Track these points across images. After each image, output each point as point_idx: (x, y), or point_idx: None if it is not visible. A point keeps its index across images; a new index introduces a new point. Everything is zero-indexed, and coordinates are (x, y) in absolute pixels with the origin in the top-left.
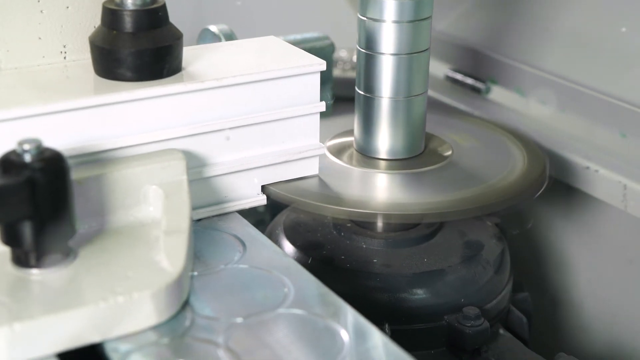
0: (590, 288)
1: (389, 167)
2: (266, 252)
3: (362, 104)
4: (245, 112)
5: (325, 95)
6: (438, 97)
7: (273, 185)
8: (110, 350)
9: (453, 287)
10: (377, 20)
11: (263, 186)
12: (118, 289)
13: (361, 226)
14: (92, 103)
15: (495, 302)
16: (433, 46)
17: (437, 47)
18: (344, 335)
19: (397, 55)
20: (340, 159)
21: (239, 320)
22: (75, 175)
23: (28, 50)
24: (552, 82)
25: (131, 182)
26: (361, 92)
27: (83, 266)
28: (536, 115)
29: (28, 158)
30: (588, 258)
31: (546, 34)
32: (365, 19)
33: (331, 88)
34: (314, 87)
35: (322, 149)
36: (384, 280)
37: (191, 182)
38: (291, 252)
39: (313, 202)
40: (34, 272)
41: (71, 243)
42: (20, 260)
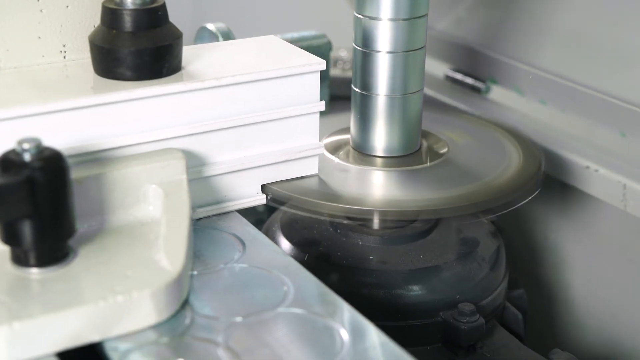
0: (589, 287)
1: (385, 165)
2: (266, 252)
3: (359, 102)
4: (244, 112)
5: (322, 93)
6: (438, 97)
7: (272, 183)
8: (109, 349)
9: (449, 284)
10: (374, 18)
11: (263, 185)
12: (118, 288)
13: (357, 223)
14: (92, 102)
15: (490, 299)
16: (433, 46)
17: (437, 47)
18: (344, 334)
19: (393, 53)
20: (336, 157)
21: (239, 319)
22: (74, 174)
23: (28, 49)
24: (552, 82)
25: (131, 182)
26: (357, 90)
27: (82, 265)
28: (536, 114)
29: (27, 157)
30: (587, 257)
31: (546, 34)
32: (361, 17)
33: (328, 86)
34: (314, 87)
35: (322, 149)
36: (380, 276)
37: (191, 182)
38: (288, 249)
39: (310, 199)
40: (34, 272)
41: (71, 242)
42: (19, 259)
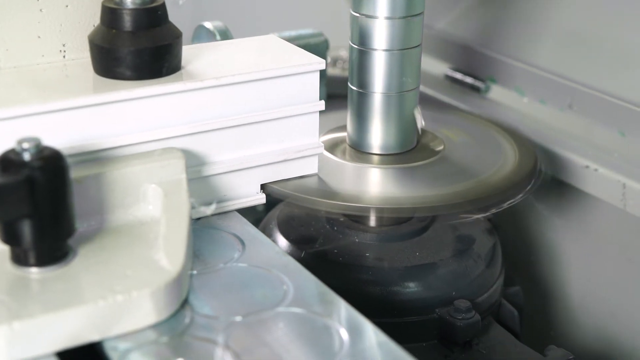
0: (587, 285)
1: (382, 162)
2: (265, 251)
3: (355, 100)
4: (244, 111)
5: (320, 91)
6: (438, 96)
7: (271, 182)
8: (109, 348)
9: (445, 281)
10: (370, 16)
11: (262, 185)
12: (117, 288)
13: (354, 220)
14: (92, 102)
15: (486, 296)
16: (433, 45)
17: (437, 46)
18: (343, 333)
19: (390, 51)
20: (333, 154)
21: (238, 318)
22: (74, 174)
23: (27, 49)
24: (552, 81)
25: (130, 181)
26: (354, 88)
27: (82, 265)
28: (535, 114)
29: (27, 157)
30: (586, 256)
31: (545, 33)
32: (358, 15)
33: (325, 85)
34: (313, 86)
35: (322, 148)
36: (377, 273)
37: (190, 181)
38: (284, 246)
39: (307, 197)
40: (33, 271)
41: (70, 242)
42: (19, 259)
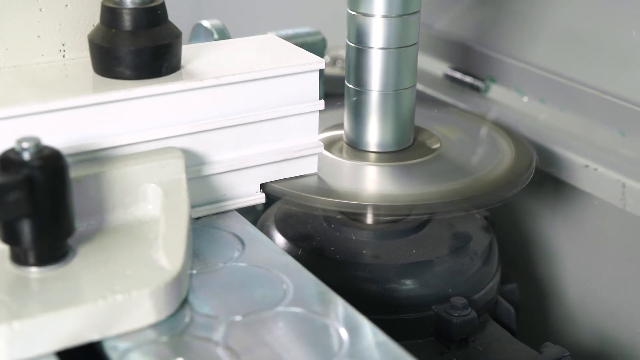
0: (587, 284)
1: (379, 160)
2: (265, 251)
3: (352, 98)
4: (244, 111)
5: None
6: (437, 96)
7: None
8: (109, 348)
9: (441, 278)
10: (367, 14)
11: (262, 184)
12: (117, 287)
13: (351, 218)
14: (91, 101)
15: (482, 293)
16: (432, 45)
17: (436, 46)
18: (343, 333)
19: (386, 49)
20: (330, 152)
21: (238, 318)
22: (74, 173)
23: (27, 48)
24: (551, 81)
25: (130, 181)
26: (351, 86)
27: (82, 264)
28: (535, 113)
29: (27, 156)
30: (585, 255)
31: (545, 33)
32: (354, 14)
33: (322, 83)
34: (313, 86)
35: (321, 147)
36: (373, 271)
37: (190, 181)
38: (282, 244)
39: (304, 194)
40: (33, 271)
41: (70, 241)
42: (19, 258)
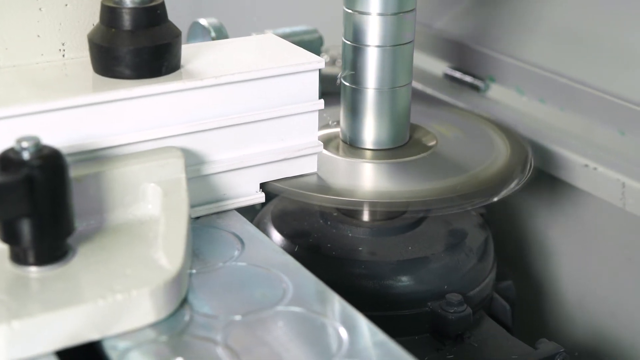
0: (588, 285)
1: (375, 157)
2: (264, 250)
3: (348, 95)
4: (243, 110)
5: None
6: (437, 95)
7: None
8: (108, 347)
9: (437, 275)
10: (363, 12)
11: (262, 184)
12: (117, 287)
13: (347, 215)
14: (91, 101)
15: (478, 290)
16: (432, 44)
17: (436, 45)
18: (342, 332)
19: (382, 47)
20: (327, 150)
21: (238, 318)
22: (73, 172)
23: (27, 48)
24: (551, 80)
25: (130, 180)
26: (347, 84)
27: (81, 264)
28: (535, 113)
29: (26, 156)
30: (585, 255)
31: (545, 32)
32: (351, 12)
33: (319, 81)
34: (313, 85)
35: (321, 147)
36: (369, 267)
37: (190, 180)
38: (278, 241)
39: (300, 191)
40: (33, 270)
41: (70, 241)
42: (18, 257)
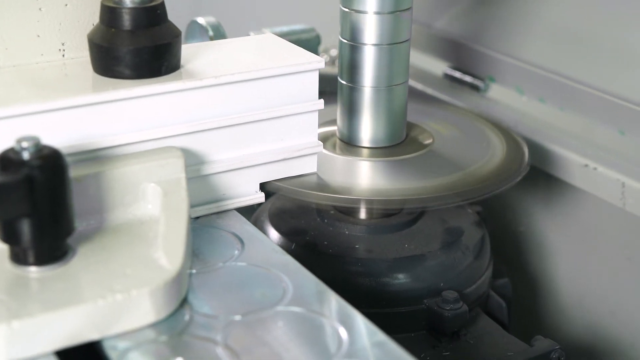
0: (587, 284)
1: (371, 155)
2: (264, 250)
3: (345, 94)
4: (243, 110)
5: None
6: (437, 95)
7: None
8: (108, 348)
9: (433, 272)
10: (359, 11)
11: (261, 184)
12: (116, 287)
13: (344, 212)
14: (91, 101)
15: (474, 287)
16: (432, 44)
17: (436, 45)
18: (342, 332)
19: (379, 45)
20: (323, 147)
21: (238, 318)
22: (73, 172)
23: (26, 48)
24: (551, 80)
25: (129, 180)
26: (343, 82)
27: (81, 264)
28: (535, 112)
29: (26, 156)
30: (585, 254)
31: (545, 32)
32: (347, 11)
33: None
34: (313, 85)
35: (321, 147)
36: (366, 265)
37: (190, 180)
38: (276, 239)
39: (297, 189)
40: (33, 270)
41: (70, 241)
42: (18, 257)
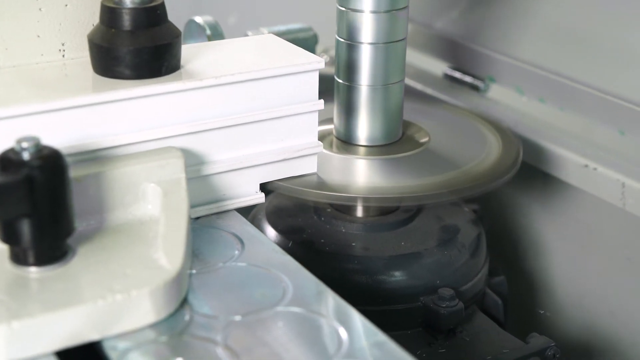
0: (587, 284)
1: (368, 153)
2: (264, 250)
3: (341, 92)
4: (243, 110)
5: None
6: (437, 95)
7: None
8: (108, 348)
9: (429, 270)
10: (356, 10)
11: (262, 184)
12: (116, 287)
13: (341, 210)
14: (91, 101)
15: (470, 285)
16: (432, 44)
17: (436, 45)
18: (342, 333)
19: (375, 44)
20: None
21: (238, 318)
22: (73, 173)
23: (27, 48)
24: (551, 80)
25: (130, 180)
26: (340, 81)
27: (81, 264)
28: (535, 112)
29: (26, 156)
30: (585, 254)
31: (545, 32)
32: (344, 10)
33: None
34: (313, 85)
35: (321, 147)
36: (363, 262)
37: (189, 180)
38: (273, 237)
39: (294, 187)
40: (33, 270)
41: (70, 241)
42: (18, 258)
